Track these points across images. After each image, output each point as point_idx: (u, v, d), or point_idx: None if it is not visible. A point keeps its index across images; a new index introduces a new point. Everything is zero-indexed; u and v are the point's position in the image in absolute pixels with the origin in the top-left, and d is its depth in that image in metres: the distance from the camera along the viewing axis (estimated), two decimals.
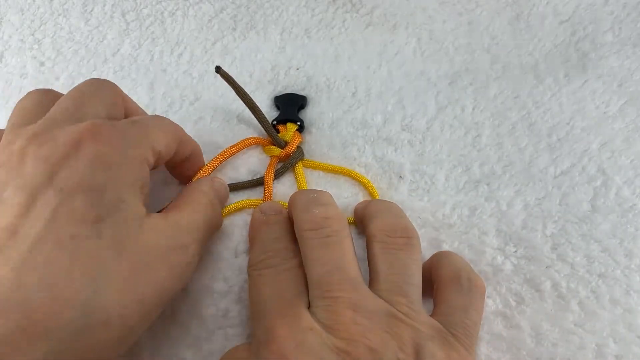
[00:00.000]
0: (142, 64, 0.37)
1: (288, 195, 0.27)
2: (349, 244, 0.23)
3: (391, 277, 0.22)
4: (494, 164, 0.31)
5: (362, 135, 0.32)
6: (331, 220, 0.23)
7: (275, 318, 0.20)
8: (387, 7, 0.39)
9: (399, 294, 0.21)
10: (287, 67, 0.36)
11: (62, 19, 0.39)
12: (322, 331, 0.20)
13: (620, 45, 0.36)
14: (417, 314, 0.21)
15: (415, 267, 0.23)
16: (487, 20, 0.38)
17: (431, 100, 0.34)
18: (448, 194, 0.29)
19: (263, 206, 0.26)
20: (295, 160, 0.30)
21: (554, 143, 0.31)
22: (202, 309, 0.25)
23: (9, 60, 0.37)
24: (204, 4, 0.40)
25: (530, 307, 0.25)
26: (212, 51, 0.37)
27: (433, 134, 0.32)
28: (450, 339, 0.20)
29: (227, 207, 0.28)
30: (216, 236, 0.27)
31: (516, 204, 0.29)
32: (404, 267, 0.22)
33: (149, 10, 0.40)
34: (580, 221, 0.28)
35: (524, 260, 0.27)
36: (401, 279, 0.22)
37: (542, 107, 0.33)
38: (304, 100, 0.34)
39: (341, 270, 0.22)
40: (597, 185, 0.29)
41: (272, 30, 0.39)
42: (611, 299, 0.25)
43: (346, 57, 0.37)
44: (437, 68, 0.36)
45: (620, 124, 0.32)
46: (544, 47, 0.36)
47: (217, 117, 0.33)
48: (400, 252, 0.23)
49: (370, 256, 0.24)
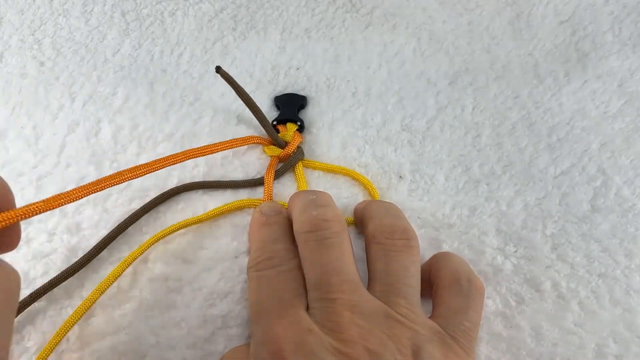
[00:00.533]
0: (142, 64, 0.37)
1: (288, 195, 0.27)
2: (348, 246, 0.23)
3: (390, 279, 0.22)
4: (493, 164, 0.31)
5: (362, 135, 0.32)
6: (330, 222, 0.23)
7: (273, 319, 0.20)
8: (387, 7, 0.39)
9: (398, 295, 0.21)
10: (287, 67, 0.36)
11: (62, 19, 0.39)
12: (320, 332, 0.20)
13: (620, 45, 0.36)
14: (415, 315, 0.21)
15: (414, 269, 0.23)
16: (487, 20, 0.38)
17: (431, 100, 0.34)
18: (448, 194, 0.29)
19: (263, 206, 0.26)
20: (295, 160, 0.30)
21: (554, 143, 0.31)
22: (203, 309, 0.25)
23: (9, 60, 0.37)
24: (204, 4, 0.40)
25: (530, 307, 0.25)
26: (212, 51, 0.37)
27: (433, 134, 0.32)
28: (449, 341, 0.20)
29: (227, 206, 0.28)
30: (217, 236, 0.27)
31: (516, 204, 0.29)
32: (403, 269, 0.22)
33: (149, 10, 0.40)
34: (580, 221, 0.28)
35: (524, 260, 0.27)
36: (400, 280, 0.22)
37: (542, 107, 0.33)
38: (304, 100, 0.34)
39: (339, 272, 0.22)
40: (597, 185, 0.29)
41: (272, 30, 0.38)
42: (611, 299, 0.25)
43: (346, 57, 0.37)
44: (437, 68, 0.36)
45: (620, 124, 0.32)
46: (544, 47, 0.36)
47: (217, 117, 0.33)
48: (399, 253, 0.23)
49: (369, 257, 0.24)
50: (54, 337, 0.23)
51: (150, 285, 0.25)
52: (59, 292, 0.25)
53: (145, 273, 0.26)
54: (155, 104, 0.34)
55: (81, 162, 0.30)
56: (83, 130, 0.32)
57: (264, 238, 0.24)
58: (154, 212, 0.28)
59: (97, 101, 0.34)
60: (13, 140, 0.31)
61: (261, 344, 0.20)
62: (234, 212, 0.28)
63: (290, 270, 0.23)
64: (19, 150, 0.31)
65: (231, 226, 0.28)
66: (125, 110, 0.33)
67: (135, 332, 0.24)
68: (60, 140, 0.31)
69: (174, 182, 0.30)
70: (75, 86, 0.35)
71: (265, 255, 0.23)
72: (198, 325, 0.24)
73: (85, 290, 0.25)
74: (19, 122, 0.32)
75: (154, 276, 0.26)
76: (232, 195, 0.29)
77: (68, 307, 0.25)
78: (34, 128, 0.32)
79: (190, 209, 0.28)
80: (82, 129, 0.32)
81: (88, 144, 0.31)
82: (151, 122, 0.33)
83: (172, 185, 0.29)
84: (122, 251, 0.27)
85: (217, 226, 0.28)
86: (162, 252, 0.27)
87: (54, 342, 0.23)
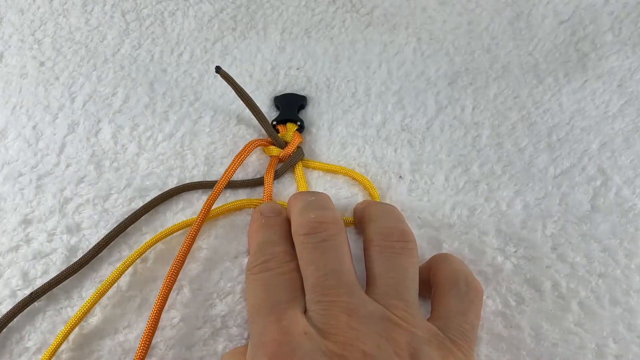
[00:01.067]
0: (142, 64, 0.37)
1: (288, 195, 0.27)
2: (346, 248, 0.23)
3: (388, 281, 0.22)
4: (493, 164, 0.30)
5: (362, 135, 0.32)
6: (327, 224, 0.23)
7: (270, 322, 0.20)
8: (387, 7, 0.39)
9: (396, 297, 0.21)
10: (287, 67, 0.36)
11: (62, 19, 0.39)
12: (317, 335, 0.20)
13: (620, 45, 0.36)
14: (413, 318, 0.21)
15: (413, 271, 0.23)
16: (487, 20, 0.38)
17: (431, 100, 0.34)
18: (448, 194, 0.29)
19: (262, 207, 0.26)
20: (295, 160, 0.30)
21: (554, 143, 0.31)
22: (203, 309, 0.25)
23: (9, 60, 0.37)
24: (204, 4, 0.40)
25: (530, 307, 0.25)
26: (212, 51, 0.37)
27: (433, 134, 0.32)
28: (448, 344, 0.20)
29: (226, 205, 0.28)
30: (216, 236, 0.27)
31: (516, 204, 0.29)
32: (401, 271, 0.22)
33: (149, 10, 0.40)
34: (580, 221, 0.28)
35: (524, 260, 0.27)
36: (398, 282, 0.22)
37: (542, 107, 0.33)
38: (304, 100, 0.34)
39: (337, 274, 0.22)
40: (597, 185, 0.29)
41: (272, 30, 0.39)
42: (611, 299, 0.25)
43: (346, 57, 0.37)
44: (437, 68, 0.36)
45: (620, 124, 0.32)
46: (544, 47, 0.36)
47: (217, 117, 0.33)
48: (398, 256, 0.23)
49: (367, 260, 0.24)
50: (56, 341, 0.23)
51: (150, 285, 0.25)
52: (58, 292, 0.25)
53: (145, 273, 0.26)
54: (155, 104, 0.34)
55: (81, 162, 0.30)
56: (83, 130, 0.32)
57: (261, 240, 0.24)
58: (153, 212, 0.28)
59: (97, 101, 0.34)
60: (13, 140, 0.31)
61: (258, 346, 0.20)
62: (233, 212, 0.28)
63: (287, 272, 0.23)
64: (19, 150, 0.31)
65: (231, 226, 0.28)
66: (125, 110, 0.33)
67: (134, 332, 0.24)
68: (60, 140, 0.31)
69: (174, 182, 0.30)
70: (75, 86, 0.35)
71: (263, 257, 0.23)
72: (198, 325, 0.24)
73: (85, 290, 0.25)
74: (19, 122, 0.32)
75: (153, 276, 0.26)
76: (231, 195, 0.29)
77: (68, 307, 0.25)
78: (33, 128, 0.32)
79: (190, 209, 0.28)
80: (82, 129, 0.32)
81: (88, 144, 0.31)
82: (151, 122, 0.33)
83: (171, 185, 0.29)
84: (122, 251, 0.27)
85: (216, 226, 0.28)
86: (162, 252, 0.27)
87: (56, 345, 0.22)
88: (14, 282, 0.25)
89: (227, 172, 0.28)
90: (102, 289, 0.24)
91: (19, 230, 0.27)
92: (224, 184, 0.27)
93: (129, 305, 0.25)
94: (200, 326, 0.24)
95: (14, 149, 0.31)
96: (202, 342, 0.24)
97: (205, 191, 0.29)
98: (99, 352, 0.23)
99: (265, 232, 0.25)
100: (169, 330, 0.24)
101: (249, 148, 0.29)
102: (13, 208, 0.28)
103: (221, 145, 0.32)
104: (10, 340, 0.24)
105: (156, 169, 0.30)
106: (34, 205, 0.28)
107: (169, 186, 0.29)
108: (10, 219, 0.27)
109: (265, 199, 0.28)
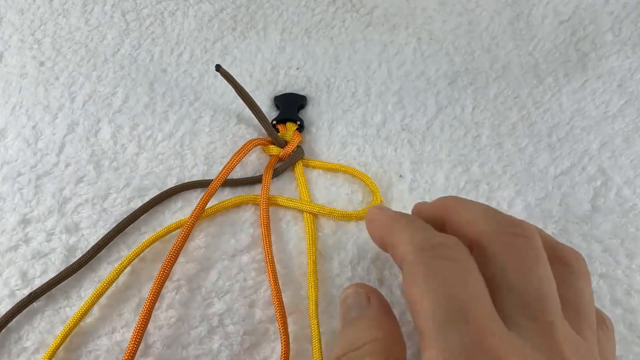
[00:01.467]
0: (142, 63, 0.37)
1: (287, 193, 0.26)
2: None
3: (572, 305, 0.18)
4: (494, 164, 0.30)
5: (362, 134, 0.32)
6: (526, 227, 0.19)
7: (485, 328, 0.16)
8: (387, 7, 0.39)
9: (586, 326, 0.18)
10: (287, 67, 0.36)
11: (62, 19, 0.39)
12: (540, 356, 0.16)
13: (620, 45, 0.36)
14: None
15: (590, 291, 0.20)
16: (487, 20, 0.38)
17: (431, 100, 0.34)
18: (449, 194, 0.29)
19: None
20: (294, 159, 0.30)
21: (554, 143, 0.31)
22: (201, 308, 0.25)
23: (9, 60, 0.37)
24: (204, 4, 0.40)
25: None
26: (212, 51, 0.37)
27: (433, 134, 0.32)
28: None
29: (224, 202, 0.28)
30: (215, 235, 0.27)
31: (516, 204, 0.29)
32: (581, 292, 0.19)
33: (149, 10, 0.40)
34: (580, 221, 0.28)
35: None
36: (585, 305, 0.19)
37: (542, 107, 0.33)
38: (303, 100, 0.34)
39: (550, 294, 0.18)
40: (597, 185, 0.29)
41: (272, 30, 0.39)
42: (612, 299, 0.25)
43: (346, 57, 0.37)
44: (437, 68, 0.36)
45: (620, 124, 0.32)
46: (544, 47, 0.36)
47: (217, 116, 0.33)
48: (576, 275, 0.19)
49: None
50: (56, 341, 0.23)
51: (148, 284, 0.25)
52: (57, 292, 0.25)
53: (144, 272, 0.26)
54: (155, 103, 0.34)
55: (80, 162, 0.30)
56: (82, 130, 0.32)
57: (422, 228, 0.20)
58: (152, 212, 0.28)
59: (96, 101, 0.34)
60: (12, 139, 0.31)
61: (469, 356, 0.16)
62: (232, 211, 0.28)
63: (472, 269, 0.18)
64: (19, 150, 0.31)
65: (229, 224, 0.28)
66: (125, 110, 0.33)
67: (132, 332, 0.24)
68: (59, 140, 0.31)
69: (173, 181, 0.30)
70: (75, 86, 0.35)
71: (437, 240, 0.18)
72: (196, 324, 0.24)
73: (84, 290, 0.25)
74: (19, 121, 0.32)
75: (152, 275, 0.26)
76: (230, 194, 0.29)
77: (66, 307, 0.25)
78: (33, 128, 0.32)
79: (188, 208, 0.28)
80: (82, 128, 0.32)
81: (87, 143, 0.31)
82: (151, 121, 0.33)
83: (170, 184, 0.29)
84: (121, 251, 0.27)
85: (215, 225, 0.28)
86: (160, 251, 0.27)
87: (56, 346, 0.22)
88: (13, 281, 0.25)
89: (225, 169, 0.28)
90: (101, 288, 0.24)
91: (18, 230, 0.27)
92: (221, 181, 0.27)
93: (127, 304, 0.25)
94: (197, 325, 0.24)
95: (14, 148, 0.31)
96: (199, 340, 0.24)
97: (204, 190, 0.29)
98: (97, 351, 0.23)
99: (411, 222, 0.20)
100: (166, 330, 0.24)
101: (247, 147, 0.29)
102: (12, 208, 0.28)
103: (221, 144, 0.32)
104: (8, 340, 0.23)
105: (155, 169, 0.30)
106: (33, 205, 0.28)
107: (168, 186, 0.29)
108: (9, 218, 0.27)
109: (263, 196, 0.28)
